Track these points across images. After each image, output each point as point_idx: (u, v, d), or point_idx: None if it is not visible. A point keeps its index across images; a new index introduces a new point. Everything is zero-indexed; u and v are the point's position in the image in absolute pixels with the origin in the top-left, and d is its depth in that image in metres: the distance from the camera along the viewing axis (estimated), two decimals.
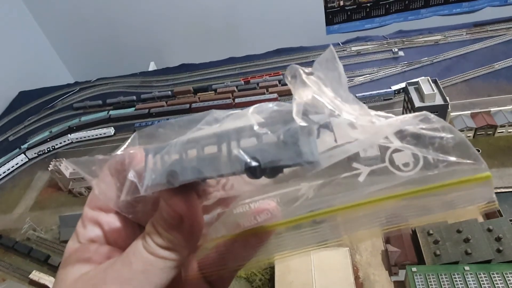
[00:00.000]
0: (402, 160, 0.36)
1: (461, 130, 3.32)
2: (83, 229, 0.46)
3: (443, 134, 0.33)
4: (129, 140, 0.43)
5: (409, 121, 0.34)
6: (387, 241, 2.41)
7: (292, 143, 0.33)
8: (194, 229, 0.41)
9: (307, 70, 0.37)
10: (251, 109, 0.37)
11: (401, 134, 0.35)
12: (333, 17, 3.84)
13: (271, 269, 2.47)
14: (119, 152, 0.42)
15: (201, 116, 0.39)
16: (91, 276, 0.41)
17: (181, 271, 0.48)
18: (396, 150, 0.35)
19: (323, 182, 0.38)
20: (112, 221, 0.46)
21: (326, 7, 3.74)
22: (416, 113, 0.36)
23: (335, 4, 3.76)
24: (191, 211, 0.40)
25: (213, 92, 3.62)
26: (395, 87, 3.32)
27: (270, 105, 0.36)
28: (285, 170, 0.34)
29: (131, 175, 0.40)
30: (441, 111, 2.72)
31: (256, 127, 0.35)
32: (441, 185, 0.34)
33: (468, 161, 0.33)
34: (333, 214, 0.38)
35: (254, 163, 0.34)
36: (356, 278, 2.60)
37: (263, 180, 0.35)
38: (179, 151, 0.37)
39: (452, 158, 0.32)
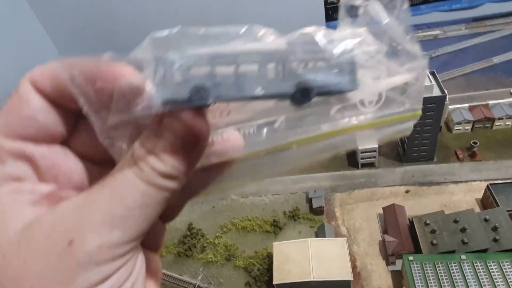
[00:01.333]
0: (368, 99, 0.42)
1: (459, 123, 3.39)
2: (1, 165, 0.36)
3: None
4: (142, 45, 0.37)
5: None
6: (384, 231, 2.49)
7: (349, 70, 0.34)
8: (203, 152, 0.37)
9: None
10: (292, 35, 0.36)
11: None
12: (333, 12, 3.88)
13: (269, 259, 2.56)
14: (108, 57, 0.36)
15: (236, 31, 0.35)
16: (53, 221, 0.33)
17: None
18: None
19: (301, 113, 0.40)
20: (48, 153, 0.38)
21: (326, 3, 3.78)
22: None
23: (335, 0, 3.79)
24: (208, 132, 0.36)
25: None
26: None
27: (312, 32, 0.36)
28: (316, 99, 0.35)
29: (149, 86, 0.34)
30: (438, 102, 2.79)
31: (304, 52, 0.34)
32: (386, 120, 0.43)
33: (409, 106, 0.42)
34: (297, 143, 0.42)
35: (309, 85, 0.33)
36: (354, 267, 2.68)
37: (264, 104, 0.37)
38: (207, 65, 0.33)
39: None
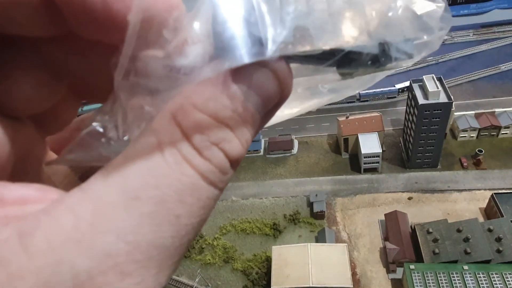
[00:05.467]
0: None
1: (465, 130, 3.31)
2: None
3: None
4: None
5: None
6: (385, 238, 2.41)
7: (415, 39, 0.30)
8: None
9: None
10: None
11: None
12: None
13: (268, 262, 2.49)
14: None
15: None
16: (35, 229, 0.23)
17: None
18: None
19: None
20: None
21: None
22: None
23: None
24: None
25: None
26: (399, 86, 3.32)
27: None
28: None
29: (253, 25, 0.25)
30: (445, 109, 2.71)
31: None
32: None
33: None
34: None
35: (389, 48, 0.29)
36: (353, 274, 2.61)
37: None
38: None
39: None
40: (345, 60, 0.28)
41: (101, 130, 0.27)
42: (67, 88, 0.35)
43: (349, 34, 0.27)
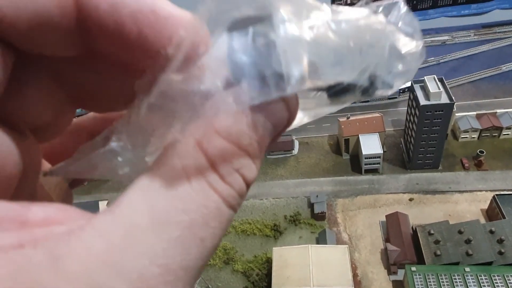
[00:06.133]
0: None
1: (466, 131, 3.29)
2: None
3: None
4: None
5: None
6: (386, 239, 2.39)
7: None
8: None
9: None
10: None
11: None
12: None
13: (269, 264, 2.47)
14: None
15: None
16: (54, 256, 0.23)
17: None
18: None
19: None
20: None
21: (333, 4, 3.74)
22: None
23: (342, 2, 3.74)
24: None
25: None
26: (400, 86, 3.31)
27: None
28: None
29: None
30: (446, 110, 2.70)
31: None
32: None
33: None
34: None
35: (377, 80, 0.32)
36: (354, 275, 2.60)
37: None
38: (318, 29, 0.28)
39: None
40: (340, 91, 0.31)
41: (119, 150, 0.29)
42: (67, 97, 0.35)
43: (350, 70, 0.30)
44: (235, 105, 0.27)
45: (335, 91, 0.31)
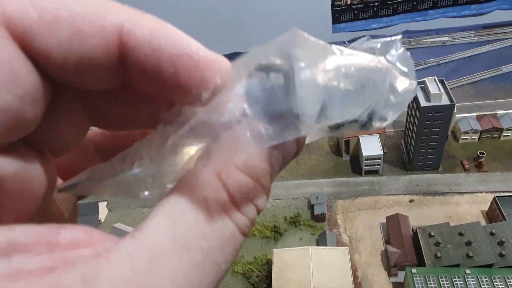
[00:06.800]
0: None
1: (466, 132, 3.28)
2: None
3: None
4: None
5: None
6: (387, 241, 2.39)
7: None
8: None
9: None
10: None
11: None
12: (339, 15, 3.84)
13: (269, 265, 2.47)
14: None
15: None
16: None
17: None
18: None
19: None
20: (15, 161, 0.28)
21: (333, 5, 3.73)
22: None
23: (342, 2, 3.75)
24: None
25: None
26: None
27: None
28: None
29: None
30: (447, 111, 2.69)
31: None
32: None
33: None
34: None
35: (375, 115, 0.35)
36: (355, 277, 2.59)
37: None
38: (333, 71, 0.31)
39: None
40: (342, 125, 0.34)
41: (142, 175, 0.31)
42: (89, 119, 0.37)
43: (355, 110, 0.33)
44: (252, 141, 0.29)
45: (338, 126, 0.34)
